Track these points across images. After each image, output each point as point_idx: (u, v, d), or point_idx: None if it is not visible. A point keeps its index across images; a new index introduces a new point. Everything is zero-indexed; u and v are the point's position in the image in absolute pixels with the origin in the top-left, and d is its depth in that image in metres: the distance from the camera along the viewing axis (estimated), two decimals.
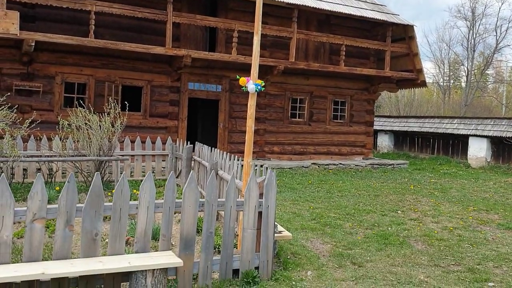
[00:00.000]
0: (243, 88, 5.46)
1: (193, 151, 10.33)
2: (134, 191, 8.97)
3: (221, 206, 4.95)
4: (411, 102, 41.26)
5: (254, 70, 5.61)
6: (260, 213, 5.16)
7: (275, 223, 5.95)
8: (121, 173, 11.03)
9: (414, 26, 16.10)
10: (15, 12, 10.61)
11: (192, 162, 10.29)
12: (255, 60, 5.64)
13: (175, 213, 4.77)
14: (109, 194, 8.85)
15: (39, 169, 10.07)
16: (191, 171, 4.92)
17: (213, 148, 8.74)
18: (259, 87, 5.41)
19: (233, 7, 14.49)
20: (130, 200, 4.53)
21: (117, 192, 4.43)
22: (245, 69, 14.76)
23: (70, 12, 11.98)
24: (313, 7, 14.27)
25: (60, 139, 9.52)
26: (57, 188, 8.68)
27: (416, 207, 9.52)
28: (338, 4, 15.25)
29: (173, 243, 5.66)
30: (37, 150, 9.94)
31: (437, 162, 18.96)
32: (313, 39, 14.95)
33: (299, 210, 8.76)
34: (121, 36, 12.81)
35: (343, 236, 6.98)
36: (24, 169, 10.11)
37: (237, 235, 5.41)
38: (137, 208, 4.52)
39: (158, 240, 4.78)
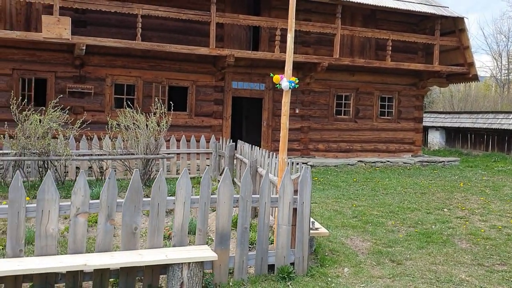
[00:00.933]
0: (277, 85, 5.50)
1: (236, 149, 10.49)
2: None
3: (256, 202, 5.03)
4: (465, 97, 39.67)
5: (288, 67, 5.64)
6: (295, 210, 5.19)
7: (313, 219, 5.97)
8: (168, 171, 11.45)
9: (465, 18, 15.50)
10: (67, 18, 11.17)
11: (235, 160, 10.45)
12: (289, 58, 5.67)
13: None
14: None
15: (90, 167, 10.58)
16: (226, 167, 5.03)
17: (253, 146, 8.83)
18: (293, 84, 5.43)
19: (276, 6, 14.53)
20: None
21: (155, 188, 4.61)
22: None
23: (118, 16, 12.47)
24: (357, 2, 14.07)
25: (110, 139, 9.93)
26: None
27: (464, 205, 9.20)
28: None
29: (212, 237, 5.79)
30: (88, 149, 10.43)
31: (492, 159, 18.16)
32: (358, 34, 14.74)
33: (341, 207, 8.69)
34: (168, 38, 13.19)
35: (384, 234, 6.87)
36: (77, 167, 10.63)
37: (273, 231, 5.47)
38: (174, 203, 4.68)
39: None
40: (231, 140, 10.85)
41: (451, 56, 16.43)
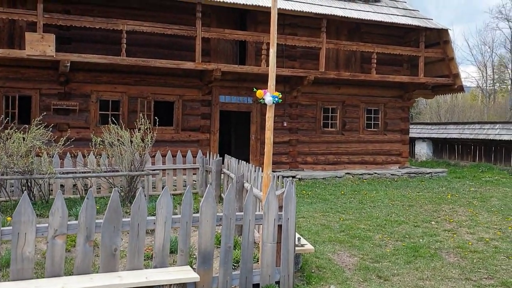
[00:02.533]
0: (261, 100, 5.45)
1: (223, 163, 10.41)
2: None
3: (239, 220, 4.95)
4: (452, 108, 40.06)
5: (271, 82, 5.59)
6: (280, 227, 5.12)
7: (299, 235, 5.90)
8: (153, 188, 11.31)
9: (449, 30, 15.68)
10: (51, 35, 11.09)
11: (222, 175, 10.37)
12: (272, 72, 5.63)
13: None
14: None
15: (75, 185, 10.42)
16: (209, 185, 4.94)
17: (240, 161, 8.76)
18: (276, 99, 5.39)
19: (262, 21, 14.54)
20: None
21: (135, 207, 4.51)
22: (276, 81, 14.72)
23: (103, 32, 12.39)
24: (341, 16, 14.17)
25: (95, 156, 9.80)
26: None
27: (451, 217, 9.18)
28: (368, 11, 15.08)
29: (196, 255, 5.67)
30: (73, 167, 10.28)
31: (479, 169, 18.26)
32: (343, 48, 14.82)
33: (328, 221, 8.62)
34: (153, 53, 13.13)
35: (371, 249, 6.81)
36: (62, 185, 10.47)
37: (259, 248, 5.38)
38: (154, 223, 4.58)
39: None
40: (219, 154, 10.81)
41: (436, 68, 16.58)
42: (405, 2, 16.97)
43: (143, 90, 13.34)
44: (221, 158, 10.47)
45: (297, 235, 6.04)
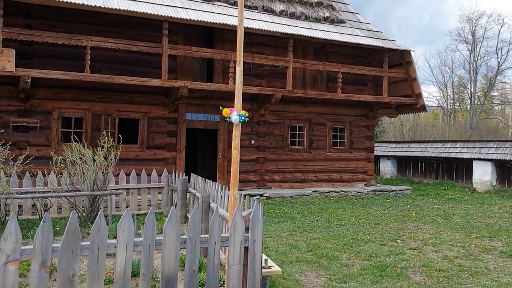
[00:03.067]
0: (227, 119, 5.37)
1: (189, 182, 10.22)
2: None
3: (205, 242, 4.80)
4: (415, 126, 41.11)
5: (238, 101, 5.53)
6: (246, 248, 4.99)
7: (266, 257, 5.79)
8: (117, 207, 10.99)
9: (411, 51, 16.12)
10: (11, 50, 10.74)
11: (188, 194, 10.17)
12: (239, 91, 5.56)
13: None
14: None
15: (34, 205, 10.00)
16: (172, 206, 4.80)
17: (206, 180, 8.62)
18: (243, 118, 5.31)
19: (229, 38, 14.57)
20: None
21: (94, 230, 4.30)
22: (244, 98, 14.67)
23: (66, 48, 12.11)
24: (308, 36, 14.35)
25: (56, 175, 9.45)
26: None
27: (416, 235, 9.28)
28: (333, 32, 15.35)
29: (159, 278, 5.47)
30: (32, 186, 9.88)
31: (442, 187, 18.68)
32: (310, 67, 14.99)
33: (296, 241, 8.55)
34: (118, 70, 12.92)
35: (338, 269, 6.76)
36: (20, 206, 10.04)
37: (225, 270, 5.23)
38: (115, 247, 4.38)
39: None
40: (186, 173, 10.60)
41: (400, 88, 16.98)
42: (369, 24, 17.38)
43: (108, 107, 13.06)
44: (187, 177, 10.29)
45: (264, 257, 5.94)
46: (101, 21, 12.83)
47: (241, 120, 5.31)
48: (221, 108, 5.64)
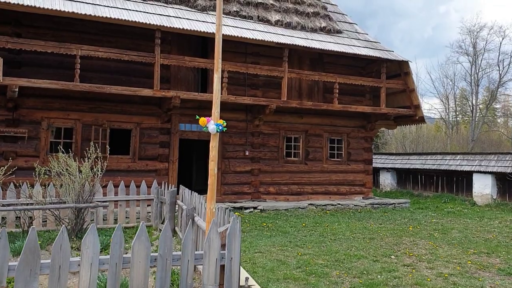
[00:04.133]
0: (204, 128, 5.11)
1: (178, 194, 9.94)
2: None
3: (177, 260, 4.51)
4: (417, 138, 40.74)
5: (215, 109, 5.28)
6: (222, 267, 4.70)
7: (247, 275, 5.48)
8: (104, 220, 10.68)
9: (409, 62, 15.88)
10: None
11: (177, 206, 9.88)
12: (216, 99, 5.32)
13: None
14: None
15: (18, 218, 9.70)
16: (142, 222, 4.51)
17: (192, 192, 8.33)
18: (220, 127, 5.06)
19: (223, 48, 14.25)
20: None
21: (56, 248, 4.02)
22: (238, 109, 14.61)
23: (57, 57, 11.93)
24: (303, 46, 14.14)
25: (41, 186, 9.19)
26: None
27: (411, 251, 8.93)
28: (330, 42, 15.13)
29: None
30: (17, 198, 9.60)
31: (441, 200, 18.31)
32: (305, 78, 14.76)
33: (285, 257, 8.22)
34: (110, 80, 12.70)
35: (327, 287, 6.43)
36: (3, 218, 9.75)
37: None
38: (79, 265, 4.10)
39: None
40: (179, 185, 10.28)
41: (398, 99, 16.71)
42: (367, 34, 17.17)
43: (98, 117, 12.82)
44: (175, 189, 10.00)
45: (246, 274, 5.64)
46: (93, 30, 12.65)
47: (218, 130, 5.06)
48: (197, 117, 5.39)
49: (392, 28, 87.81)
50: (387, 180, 22.49)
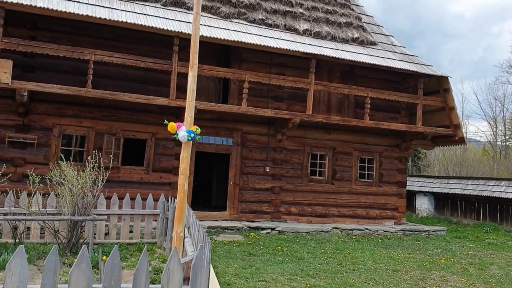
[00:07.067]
0: (175, 135, 4.31)
1: None
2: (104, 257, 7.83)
3: None
4: (461, 162, 38.56)
5: (189, 114, 4.52)
6: None
7: None
8: (106, 234, 10.03)
9: (449, 77, 14.62)
10: (8, 61, 10.22)
11: None
12: (190, 101, 4.54)
13: None
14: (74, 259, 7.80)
15: (15, 228, 9.18)
16: (84, 246, 3.72)
17: (189, 210, 7.52)
18: (192, 135, 4.27)
19: (246, 58, 13.69)
20: None
21: None
22: (260, 122, 13.79)
23: (72, 62, 11.56)
24: (332, 57, 13.22)
25: (32, 195, 8.66)
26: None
27: None
28: (362, 54, 14.14)
29: None
30: (16, 207, 9.10)
31: (483, 229, 16.69)
32: (334, 90, 13.78)
33: None
34: (126, 87, 12.19)
35: None
36: None
37: None
38: None
39: None
40: (195, 199, 9.60)
41: (437, 117, 15.43)
42: (404, 47, 16.05)
43: (113, 125, 12.31)
44: None
45: None
46: (110, 35, 12.23)
47: (190, 138, 4.27)
48: (166, 122, 4.61)
49: (440, 49, 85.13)
50: (423, 205, 20.94)
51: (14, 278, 3.36)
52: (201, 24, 11.91)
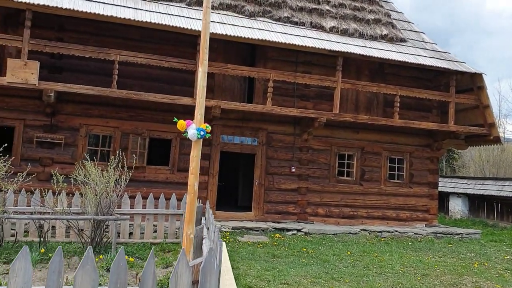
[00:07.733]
0: (184, 133, 4.18)
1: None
2: (131, 259, 7.82)
3: None
4: (498, 162, 37.21)
5: (199, 112, 4.37)
6: None
7: None
8: (130, 233, 10.04)
9: (483, 74, 14.03)
10: (35, 62, 10.37)
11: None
12: (200, 99, 4.38)
13: None
14: (101, 257, 7.82)
15: (41, 226, 9.30)
16: (89, 247, 3.63)
17: (209, 210, 7.42)
18: (202, 133, 4.12)
19: (272, 57, 13.51)
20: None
21: None
22: (285, 121, 13.57)
23: (97, 63, 11.67)
24: (360, 54, 12.89)
25: (55, 194, 8.75)
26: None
27: None
28: (391, 51, 13.74)
29: None
30: (41, 205, 9.22)
31: None
32: (362, 89, 13.43)
33: None
34: (151, 87, 12.22)
35: None
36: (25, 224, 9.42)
37: None
38: None
39: None
40: (221, 200, 9.49)
41: (470, 116, 14.85)
42: (435, 44, 15.51)
43: (138, 125, 12.37)
44: (202, 204, 9.13)
45: None
46: (136, 36, 12.28)
47: (199, 136, 4.12)
48: (175, 119, 4.47)
49: (478, 47, 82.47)
50: (457, 207, 20.23)
51: (18, 279, 3.29)
52: (225, 23, 11.87)
